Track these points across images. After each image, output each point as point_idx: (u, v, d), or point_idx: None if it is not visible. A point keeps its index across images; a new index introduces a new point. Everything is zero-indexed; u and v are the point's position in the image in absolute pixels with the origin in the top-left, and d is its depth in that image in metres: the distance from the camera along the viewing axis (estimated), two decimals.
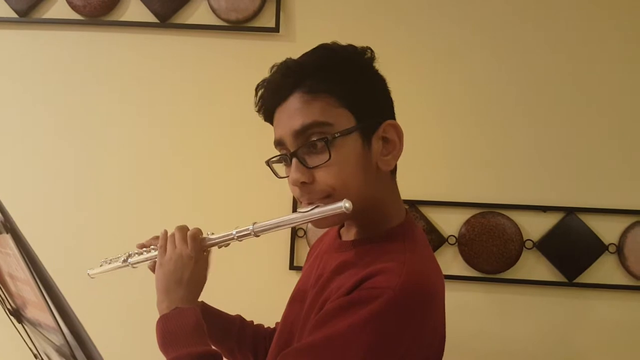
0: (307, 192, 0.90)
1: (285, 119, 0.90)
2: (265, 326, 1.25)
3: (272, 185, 1.74)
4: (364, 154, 0.89)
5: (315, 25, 1.78)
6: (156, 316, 0.94)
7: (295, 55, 0.96)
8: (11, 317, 0.90)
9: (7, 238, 0.67)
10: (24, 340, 0.96)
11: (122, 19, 1.83)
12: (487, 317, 1.76)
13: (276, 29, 1.77)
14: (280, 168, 0.98)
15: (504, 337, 1.75)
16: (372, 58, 0.94)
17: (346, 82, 0.89)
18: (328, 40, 0.97)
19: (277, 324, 1.23)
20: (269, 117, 0.96)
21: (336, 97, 0.88)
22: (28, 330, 0.91)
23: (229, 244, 1.01)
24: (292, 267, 1.78)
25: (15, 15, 1.83)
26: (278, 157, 0.97)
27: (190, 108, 1.82)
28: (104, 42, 1.83)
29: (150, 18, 1.81)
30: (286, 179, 0.95)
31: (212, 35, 1.81)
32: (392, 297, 0.78)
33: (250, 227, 0.95)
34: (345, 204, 0.82)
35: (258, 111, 0.98)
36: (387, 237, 0.92)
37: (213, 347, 0.91)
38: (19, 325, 0.91)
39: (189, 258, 0.97)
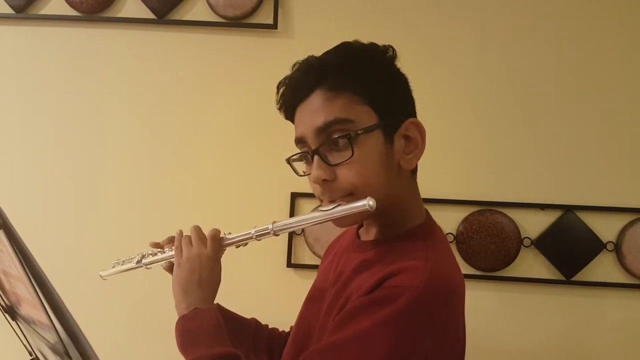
0: (329, 189, 0.89)
1: (307, 117, 0.89)
2: (280, 330, 1.24)
3: (271, 182, 1.76)
4: (386, 152, 0.88)
5: (313, 22, 1.77)
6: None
7: (293, 51, 0.96)
8: (5, 315, 0.89)
9: (0, 234, 0.66)
10: (19, 338, 0.96)
11: (119, 15, 1.82)
12: (485, 315, 1.76)
13: (274, 26, 1.76)
14: (300, 166, 0.97)
15: (502, 335, 1.75)
16: (394, 56, 0.94)
17: (368, 79, 0.89)
18: (325, 37, 0.97)
19: (292, 328, 1.23)
20: (290, 114, 0.95)
21: (358, 95, 0.87)
22: (22, 328, 0.91)
23: (247, 244, 1.00)
24: (289, 264, 1.78)
25: (11, 11, 1.82)
26: (299, 154, 0.95)
27: (188, 105, 1.81)
28: (101, 39, 1.83)
29: (148, 14, 1.80)
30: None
31: (209, 31, 1.80)
32: (415, 296, 0.77)
33: (270, 226, 0.95)
34: (369, 202, 0.82)
35: (279, 109, 0.96)
36: (408, 237, 0.91)
37: (233, 348, 0.90)
38: (13, 323, 0.90)
39: (207, 258, 0.97)
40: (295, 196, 1.76)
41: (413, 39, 1.76)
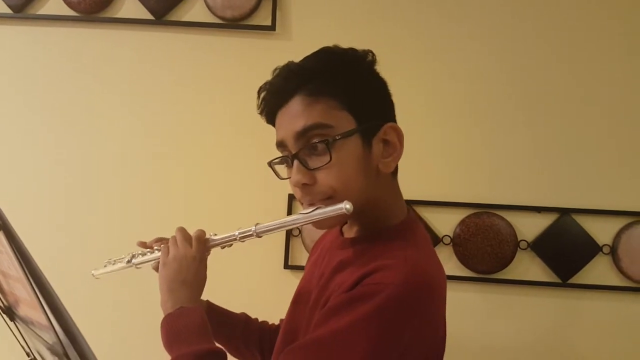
0: (309, 193, 0.91)
1: (287, 121, 0.91)
2: (270, 323, 1.26)
3: (268, 184, 1.75)
4: (365, 156, 0.90)
5: (311, 24, 1.78)
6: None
7: (291, 53, 0.96)
8: (3, 315, 0.89)
9: (0, 235, 0.66)
10: (17, 339, 0.96)
11: (118, 15, 1.82)
12: (481, 317, 1.76)
13: (272, 27, 1.77)
14: (282, 169, 0.99)
15: (498, 337, 1.76)
16: (373, 61, 0.96)
17: (347, 85, 0.90)
18: (323, 39, 0.97)
19: (281, 320, 1.24)
20: (271, 119, 0.97)
21: (337, 100, 0.89)
22: (20, 329, 0.91)
23: (231, 245, 1.02)
24: (286, 266, 1.78)
25: (9, 11, 1.82)
26: (280, 158, 0.98)
27: (185, 106, 1.81)
28: (99, 39, 1.82)
29: (146, 15, 1.80)
30: (287, 180, 0.96)
31: (207, 32, 1.80)
32: (394, 293, 0.79)
33: (253, 228, 0.96)
34: (345, 205, 0.84)
35: (260, 113, 0.99)
36: (389, 235, 0.93)
37: (218, 345, 0.92)
38: (11, 323, 0.90)
39: (192, 259, 0.98)
40: (292, 198, 1.76)
41: (411, 39, 1.76)
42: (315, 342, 0.81)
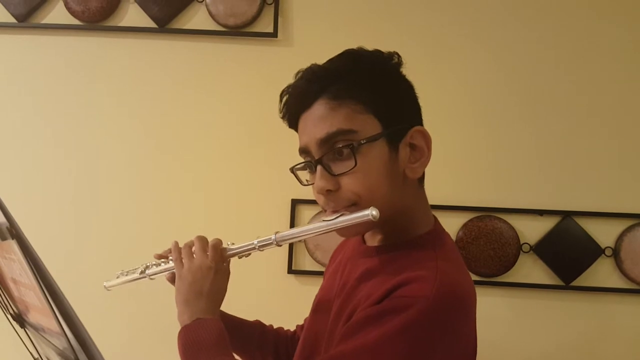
0: (333, 200, 0.88)
1: (310, 127, 0.88)
2: (285, 329, 1.24)
3: (272, 189, 1.77)
4: (391, 161, 0.87)
5: (313, 31, 1.79)
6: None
7: (292, 59, 0.97)
8: (14, 322, 0.90)
9: (13, 244, 0.67)
10: (25, 345, 0.96)
11: (121, 24, 1.83)
12: (483, 321, 1.75)
13: (274, 34, 1.78)
14: (304, 175, 0.97)
15: (500, 341, 1.76)
16: (399, 63, 0.93)
17: (372, 87, 0.87)
18: (325, 45, 0.97)
19: (297, 326, 1.23)
20: (293, 123, 0.94)
21: (362, 103, 0.86)
22: (30, 335, 0.92)
23: (249, 254, 1.00)
24: (290, 271, 1.79)
25: (14, 21, 1.83)
26: (302, 164, 0.95)
27: (188, 113, 1.82)
28: (103, 48, 1.84)
29: (149, 23, 1.82)
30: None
31: (210, 40, 1.82)
32: (427, 306, 0.76)
33: (273, 237, 0.94)
34: (372, 212, 0.80)
35: (282, 117, 0.96)
36: (416, 245, 0.90)
37: (236, 357, 0.89)
38: (21, 330, 0.91)
39: (208, 269, 0.95)
40: (295, 203, 1.77)
41: (413, 44, 1.77)
42: (341, 356, 0.77)
